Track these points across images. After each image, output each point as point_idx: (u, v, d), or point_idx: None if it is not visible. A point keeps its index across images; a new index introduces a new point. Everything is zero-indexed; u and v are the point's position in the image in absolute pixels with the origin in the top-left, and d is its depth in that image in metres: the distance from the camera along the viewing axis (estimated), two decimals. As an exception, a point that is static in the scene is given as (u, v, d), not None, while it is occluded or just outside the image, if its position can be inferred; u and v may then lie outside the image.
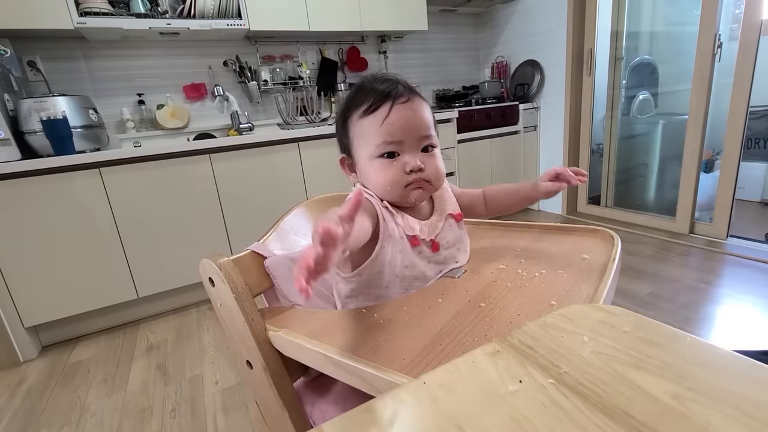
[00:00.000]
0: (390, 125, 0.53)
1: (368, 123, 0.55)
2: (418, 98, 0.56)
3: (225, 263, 0.50)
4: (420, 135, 0.55)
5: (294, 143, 2.02)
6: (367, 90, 0.55)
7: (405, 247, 0.57)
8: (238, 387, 1.31)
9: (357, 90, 0.57)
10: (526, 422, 0.22)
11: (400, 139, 0.54)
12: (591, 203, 2.81)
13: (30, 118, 1.64)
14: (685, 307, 1.54)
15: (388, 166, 0.55)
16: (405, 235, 0.57)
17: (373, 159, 0.55)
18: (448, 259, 0.61)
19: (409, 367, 0.38)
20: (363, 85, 0.57)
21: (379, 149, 0.55)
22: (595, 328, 0.31)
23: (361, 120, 0.55)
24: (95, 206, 1.65)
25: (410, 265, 0.57)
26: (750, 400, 0.22)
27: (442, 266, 0.60)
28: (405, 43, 2.89)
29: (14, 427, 1.23)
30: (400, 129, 0.54)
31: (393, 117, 0.53)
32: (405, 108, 0.54)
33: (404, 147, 0.55)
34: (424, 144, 0.56)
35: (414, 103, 0.55)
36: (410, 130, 0.54)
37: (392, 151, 0.55)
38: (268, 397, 0.53)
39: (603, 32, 2.53)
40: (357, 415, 0.24)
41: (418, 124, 0.55)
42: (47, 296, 1.62)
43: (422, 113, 0.56)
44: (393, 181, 0.55)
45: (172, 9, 2.01)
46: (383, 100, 0.54)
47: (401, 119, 0.54)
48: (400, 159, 0.55)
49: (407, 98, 0.54)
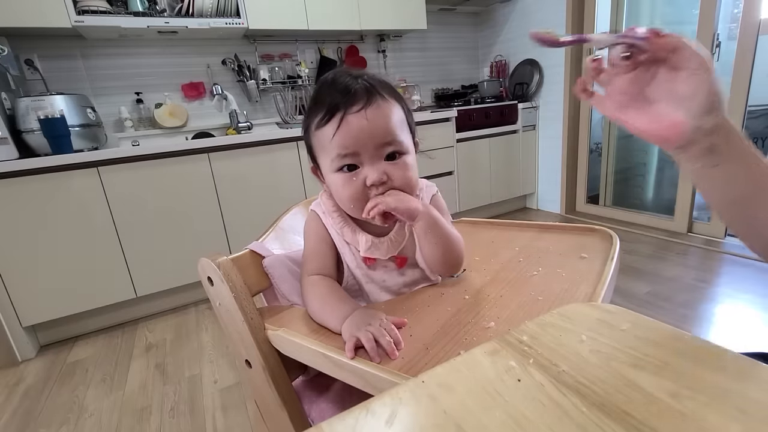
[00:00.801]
0: (342, 137, 0.48)
1: (323, 135, 0.50)
2: (378, 101, 0.49)
3: (224, 262, 0.50)
4: (379, 143, 0.49)
5: (293, 142, 2.02)
6: (322, 98, 0.50)
7: (360, 264, 0.56)
8: (237, 386, 1.31)
9: (314, 97, 0.52)
10: (525, 421, 0.22)
11: (355, 150, 0.48)
12: (589, 202, 2.81)
13: (27, 117, 1.63)
14: (684, 306, 1.54)
15: (347, 181, 0.50)
16: (356, 252, 0.55)
17: (333, 173, 0.51)
18: (422, 272, 0.56)
19: (407, 366, 0.38)
20: (319, 92, 0.51)
21: (335, 163, 0.50)
22: (594, 326, 0.31)
23: (317, 132, 0.51)
24: (93, 205, 1.64)
25: (370, 281, 0.56)
26: (748, 398, 0.22)
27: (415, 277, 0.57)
28: (404, 42, 2.89)
29: (12, 427, 1.23)
30: (354, 140, 0.48)
31: (344, 129, 0.48)
32: (358, 117, 0.47)
33: (362, 158, 0.49)
34: (387, 151, 0.50)
35: (371, 109, 0.48)
36: (367, 140, 0.48)
37: (351, 164, 0.49)
38: (267, 396, 0.53)
39: (602, 31, 2.53)
40: (356, 413, 0.24)
41: (376, 132, 0.48)
42: (45, 295, 1.61)
43: (382, 119, 0.49)
44: (354, 198, 0.50)
45: (170, 7, 2.01)
46: (333, 111, 0.48)
47: (355, 130, 0.48)
48: (360, 172, 0.49)
49: (362, 106, 0.48)
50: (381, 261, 0.55)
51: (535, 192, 3.05)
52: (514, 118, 2.79)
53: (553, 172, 2.85)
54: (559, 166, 2.79)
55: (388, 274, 0.56)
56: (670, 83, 0.35)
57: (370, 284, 0.57)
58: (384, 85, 0.51)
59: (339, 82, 0.50)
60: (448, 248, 0.53)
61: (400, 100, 0.53)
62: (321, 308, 0.49)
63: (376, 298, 0.57)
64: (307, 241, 0.57)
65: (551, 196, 2.92)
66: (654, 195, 2.74)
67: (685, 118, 0.34)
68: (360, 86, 0.49)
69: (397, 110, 0.51)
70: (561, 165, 2.78)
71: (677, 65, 0.34)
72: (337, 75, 0.51)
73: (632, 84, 0.37)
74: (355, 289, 0.58)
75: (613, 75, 0.38)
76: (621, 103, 0.38)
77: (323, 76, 0.53)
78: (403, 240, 0.56)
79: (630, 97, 0.38)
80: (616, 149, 2.75)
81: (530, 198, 3.10)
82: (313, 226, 0.57)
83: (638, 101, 0.38)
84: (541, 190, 3.01)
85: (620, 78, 0.38)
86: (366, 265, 0.56)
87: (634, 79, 0.37)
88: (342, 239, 0.56)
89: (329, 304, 0.49)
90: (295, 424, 0.53)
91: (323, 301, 0.50)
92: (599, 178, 2.81)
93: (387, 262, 0.56)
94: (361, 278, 0.56)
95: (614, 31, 0.46)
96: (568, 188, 2.80)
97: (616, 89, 0.38)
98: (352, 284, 0.57)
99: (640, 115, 0.37)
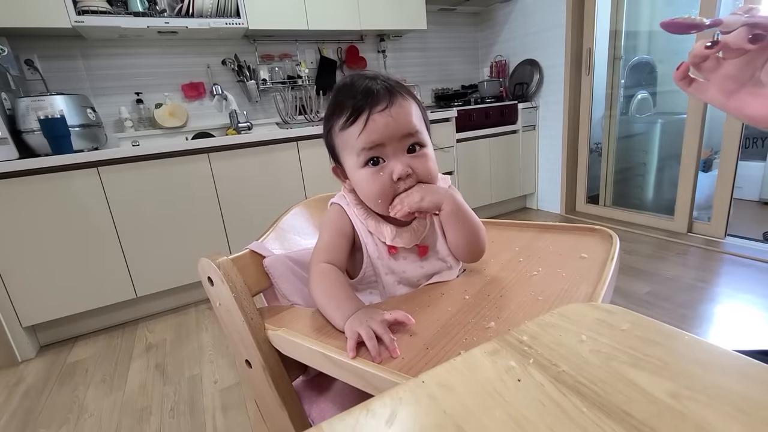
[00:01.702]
0: (368, 134, 0.51)
1: (348, 135, 0.53)
2: (399, 100, 0.52)
3: (224, 262, 0.50)
4: (402, 135, 0.52)
5: (293, 142, 2.02)
6: (344, 100, 0.52)
7: (382, 255, 0.57)
8: (237, 386, 1.31)
9: (335, 100, 0.55)
10: (525, 421, 0.22)
11: (380, 141, 0.51)
12: (589, 202, 2.81)
13: (28, 117, 1.63)
14: (683, 305, 1.54)
15: (374, 176, 0.53)
16: (380, 242, 0.57)
17: (359, 169, 0.54)
18: (442, 262, 0.59)
19: (408, 365, 0.38)
20: (339, 96, 0.54)
21: (361, 157, 0.53)
22: (594, 326, 0.31)
23: (341, 133, 0.54)
24: (93, 205, 1.64)
25: (390, 272, 0.57)
26: (748, 398, 0.22)
27: (434, 268, 0.58)
28: (404, 42, 2.89)
29: (12, 427, 1.23)
30: (380, 134, 0.51)
31: (370, 126, 0.51)
32: (383, 115, 0.51)
33: (387, 151, 0.52)
34: (409, 143, 0.53)
35: (394, 107, 0.51)
36: (391, 133, 0.51)
37: (376, 157, 0.52)
38: (267, 396, 0.53)
39: (602, 31, 2.54)
40: (356, 413, 0.24)
41: (399, 126, 0.52)
42: (45, 296, 1.61)
43: (404, 115, 0.52)
44: (382, 194, 0.53)
45: (170, 8, 2.01)
46: (359, 111, 0.51)
47: (380, 126, 0.51)
48: (386, 166, 0.52)
49: (385, 105, 0.51)
50: (402, 251, 0.57)
51: (535, 192, 3.05)
52: (514, 118, 2.79)
53: (553, 172, 2.85)
54: (559, 166, 2.79)
55: (409, 264, 0.57)
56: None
57: (389, 275, 0.57)
58: (400, 85, 0.54)
59: (358, 85, 0.53)
60: (473, 233, 0.56)
61: (415, 98, 0.56)
62: (327, 302, 0.49)
63: (390, 291, 0.57)
64: (325, 232, 0.57)
65: (551, 196, 2.92)
66: (654, 195, 2.74)
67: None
68: (380, 87, 0.52)
69: (414, 107, 0.55)
70: (561, 165, 2.78)
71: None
72: (354, 79, 0.54)
73: (743, 68, 0.35)
74: (371, 280, 0.58)
75: (721, 60, 0.36)
76: (729, 89, 0.36)
77: (339, 82, 0.56)
78: (424, 229, 0.58)
79: (739, 82, 0.35)
80: (616, 149, 2.75)
81: (530, 198, 3.10)
82: (335, 219, 0.58)
83: (749, 85, 0.35)
84: (541, 190, 3.01)
85: (729, 63, 0.35)
86: (389, 254, 0.57)
87: (746, 63, 0.35)
88: (366, 230, 0.57)
89: (336, 299, 0.49)
90: (295, 424, 0.53)
91: (330, 295, 0.50)
92: (599, 178, 2.81)
93: (408, 253, 0.57)
94: (381, 269, 0.57)
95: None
96: (568, 188, 2.80)
97: (722, 75, 0.36)
98: (370, 275, 0.57)
99: (752, 99, 0.35)
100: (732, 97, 0.36)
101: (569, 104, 2.63)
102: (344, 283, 0.52)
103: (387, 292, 0.58)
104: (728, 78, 0.36)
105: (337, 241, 0.56)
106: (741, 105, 0.35)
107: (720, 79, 0.36)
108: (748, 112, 0.35)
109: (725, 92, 0.36)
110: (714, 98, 0.37)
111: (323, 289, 0.51)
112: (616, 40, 2.58)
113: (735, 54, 0.34)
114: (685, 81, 0.38)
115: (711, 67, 0.36)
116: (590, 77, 2.57)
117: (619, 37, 2.57)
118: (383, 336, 0.41)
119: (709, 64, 0.36)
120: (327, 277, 0.52)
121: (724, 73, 0.36)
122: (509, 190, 2.92)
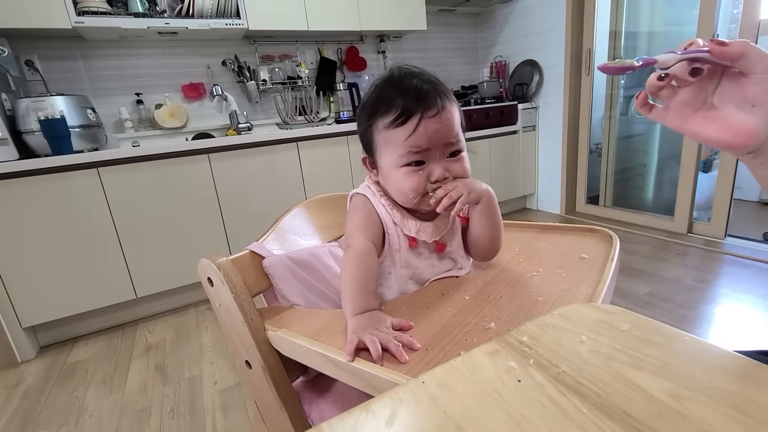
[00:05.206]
0: (417, 138, 0.51)
1: (394, 135, 0.52)
2: (447, 105, 0.52)
3: (224, 263, 0.50)
4: (448, 141, 0.53)
5: (293, 143, 2.02)
6: (393, 98, 0.52)
7: (402, 247, 0.58)
8: (237, 387, 1.31)
9: (381, 95, 0.54)
10: (525, 421, 0.22)
11: (427, 147, 0.52)
12: (589, 203, 2.81)
13: (28, 118, 1.63)
14: (683, 306, 1.54)
15: (411, 174, 0.53)
16: (402, 235, 0.57)
17: (398, 168, 0.54)
18: (453, 263, 0.61)
19: (408, 366, 0.38)
20: (385, 91, 0.53)
21: (404, 159, 0.53)
22: (594, 327, 0.31)
23: (386, 130, 0.53)
24: (93, 206, 1.64)
25: (405, 265, 0.58)
26: (748, 399, 0.22)
27: (445, 269, 0.60)
28: (404, 43, 2.89)
29: (12, 427, 1.22)
30: (428, 140, 0.51)
31: (421, 131, 0.51)
32: (434, 121, 0.51)
33: (430, 155, 0.53)
34: (451, 150, 0.54)
35: (444, 113, 0.52)
36: (439, 140, 0.52)
37: (418, 160, 0.53)
38: (267, 397, 0.53)
39: (601, 32, 2.54)
40: (356, 414, 0.24)
41: (446, 133, 0.52)
42: (45, 296, 1.61)
43: (451, 122, 0.53)
44: (416, 190, 0.53)
45: (170, 8, 2.01)
46: (410, 114, 0.51)
47: (429, 132, 0.51)
48: (426, 168, 0.53)
49: (437, 111, 0.51)
50: (421, 246, 0.58)
51: (535, 192, 3.05)
52: (514, 118, 2.79)
53: (553, 173, 2.85)
54: (559, 166, 2.79)
55: (423, 261, 0.59)
56: (737, 89, 0.35)
57: (404, 269, 0.58)
58: (446, 88, 0.55)
59: (407, 82, 0.52)
60: (498, 230, 0.58)
61: (455, 100, 0.56)
62: (347, 285, 0.50)
63: (401, 286, 0.58)
64: (356, 216, 0.58)
65: (551, 197, 2.92)
66: (654, 195, 2.74)
67: (756, 123, 0.34)
68: (431, 89, 0.52)
69: (457, 111, 0.55)
70: (561, 165, 2.78)
71: (745, 70, 0.34)
72: (402, 74, 0.54)
73: (696, 95, 0.38)
74: (385, 273, 0.58)
75: (676, 88, 0.39)
76: (685, 114, 0.39)
77: (385, 74, 0.55)
78: (445, 227, 0.59)
79: (693, 107, 0.38)
80: (616, 150, 2.75)
81: (530, 198, 3.10)
82: (362, 206, 0.58)
83: (703, 110, 0.38)
84: (541, 190, 3.01)
85: (683, 90, 0.38)
86: (409, 247, 0.58)
87: (698, 90, 0.38)
88: (391, 220, 0.57)
89: (358, 291, 0.49)
90: (295, 425, 0.53)
91: (353, 285, 0.50)
92: (599, 179, 2.81)
93: (425, 249, 0.59)
94: (398, 261, 0.58)
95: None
96: (568, 189, 2.80)
97: (677, 102, 0.39)
98: (386, 266, 0.58)
99: (707, 122, 0.37)
100: (688, 121, 0.38)
101: (569, 105, 2.63)
102: (373, 274, 0.52)
103: (397, 287, 0.58)
104: (683, 104, 0.38)
105: (372, 221, 0.57)
106: (697, 128, 0.38)
107: (676, 105, 0.39)
108: (705, 135, 0.37)
109: (682, 117, 0.39)
110: (672, 123, 0.40)
111: (352, 277, 0.51)
112: (616, 41, 2.58)
113: (685, 83, 0.37)
114: (645, 108, 0.41)
115: (667, 94, 0.39)
116: (590, 78, 2.58)
117: (619, 37, 2.57)
118: (388, 344, 0.40)
119: (665, 92, 0.39)
120: (362, 261, 0.52)
121: (679, 100, 0.39)
122: (509, 191, 2.92)
